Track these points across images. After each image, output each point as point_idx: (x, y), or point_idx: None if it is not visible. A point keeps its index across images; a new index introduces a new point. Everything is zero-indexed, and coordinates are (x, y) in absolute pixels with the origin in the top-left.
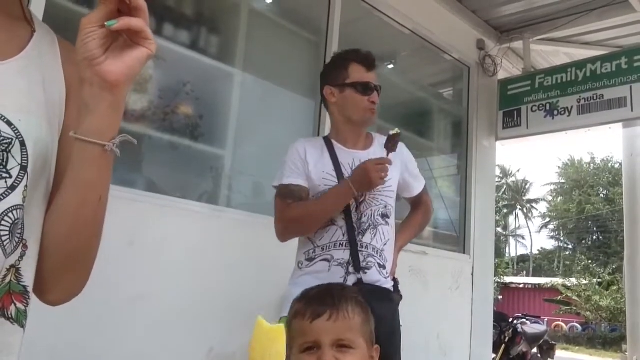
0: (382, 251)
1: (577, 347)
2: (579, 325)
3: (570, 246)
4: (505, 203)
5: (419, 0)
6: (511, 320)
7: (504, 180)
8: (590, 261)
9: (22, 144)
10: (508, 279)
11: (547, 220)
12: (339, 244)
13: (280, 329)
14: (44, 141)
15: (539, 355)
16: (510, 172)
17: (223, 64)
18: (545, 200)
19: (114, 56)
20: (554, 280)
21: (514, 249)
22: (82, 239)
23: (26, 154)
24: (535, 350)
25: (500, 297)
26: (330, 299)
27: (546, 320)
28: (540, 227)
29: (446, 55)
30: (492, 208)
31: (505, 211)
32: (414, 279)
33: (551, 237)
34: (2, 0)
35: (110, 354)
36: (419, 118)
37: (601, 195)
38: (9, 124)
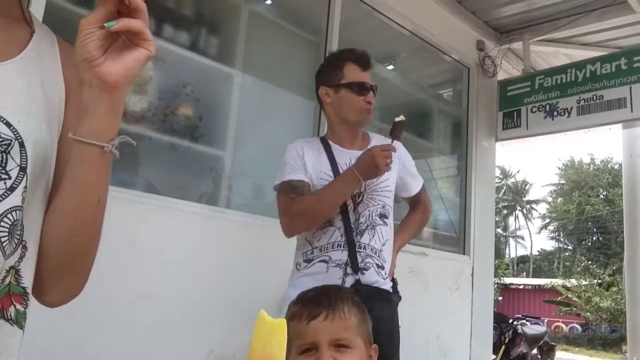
0: (381, 251)
1: (577, 348)
2: (579, 326)
3: (570, 247)
4: (505, 204)
5: (419, 1)
6: (511, 321)
7: (504, 181)
8: (590, 262)
9: (22, 145)
10: (508, 280)
11: (547, 221)
12: (337, 244)
13: (282, 323)
14: (44, 142)
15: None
16: (510, 173)
17: (223, 65)
18: (545, 201)
19: (113, 57)
20: (554, 281)
21: (514, 250)
22: (81, 240)
23: (25, 155)
24: (535, 351)
25: (500, 298)
26: (326, 300)
27: (546, 321)
28: (540, 228)
29: (446, 56)
30: (492, 209)
31: (505, 212)
32: (413, 279)
33: (551, 238)
34: (2, 1)
35: (109, 355)
36: (418, 119)
37: (601, 196)
38: (8, 125)
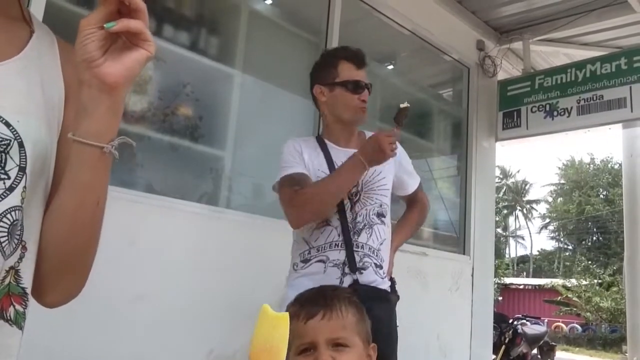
0: (379, 251)
1: (577, 348)
2: (579, 326)
3: (570, 247)
4: (505, 204)
5: (419, 1)
6: (511, 321)
7: (504, 181)
8: (590, 262)
9: (21, 145)
10: (508, 280)
11: (547, 221)
12: (335, 244)
13: (285, 317)
14: (43, 142)
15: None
16: (510, 173)
17: (223, 65)
18: (545, 201)
19: (112, 58)
20: (554, 281)
21: (514, 250)
22: (80, 240)
23: (25, 155)
24: (535, 351)
25: (500, 298)
26: (322, 300)
27: (546, 321)
28: (540, 228)
29: (446, 56)
30: (492, 209)
31: (505, 212)
32: (413, 280)
33: (551, 238)
34: (1, 1)
35: (109, 355)
36: (418, 119)
37: (601, 196)
38: (7, 125)
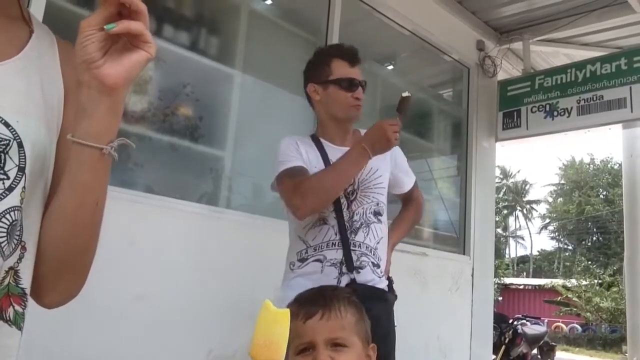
0: (376, 249)
1: (577, 348)
2: (579, 327)
3: (570, 247)
4: (505, 204)
5: (419, 1)
6: (511, 321)
7: (504, 181)
8: (590, 262)
9: (20, 145)
10: (508, 280)
11: (547, 221)
12: (332, 243)
13: (286, 313)
14: (42, 143)
15: (539, 356)
16: (510, 173)
17: (223, 65)
18: (545, 202)
19: (112, 59)
20: (554, 281)
21: (514, 250)
22: (80, 240)
23: (24, 156)
24: (535, 351)
25: (500, 298)
26: (322, 299)
27: (546, 321)
28: (540, 228)
29: (446, 56)
30: (492, 209)
31: (505, 212)
32: (413, 280)
33: (551, 238)
34: (0, 1)
35: (109, 355)
36: (418, 119)
37: (601, 196)
38: (6, 125)
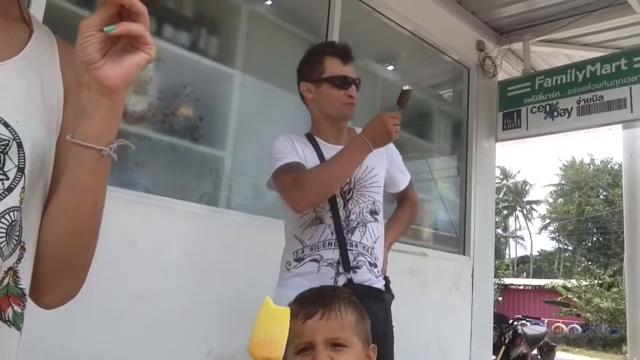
0: (373, 249)
1: (577, 349)
2: (579, 327)
3: (570, 247)
4: (505, 204)
5: (419, 2)
6: (511, 321)
7: (504, 181)
8: (590, 262)
9: (20, 145)
10: (508, 281)
11: (547, 221)
12: (328, 243)
13: (286, 311)
14: (42, 143)
15: (539, 356)
16: (511, 174)
17: (223, 65)
18: (545, 202)
19: (112, 60)
20: (554, 282)
21: (514, 251)
22: (79, 241)
23: (23, 156)
24: (535, 351)
25: (500, 299)
26: (322, 299)
27: (546, 321)
28: (540, 228)
29: (446, 57)
30: (492, 209)
31: (505, 212)
32: (413, 280)
33: (551, 239)
34: (0, 1)
35: (109, 356)
36: (418, 119)
37: (601, 197)
38: (6, 125)
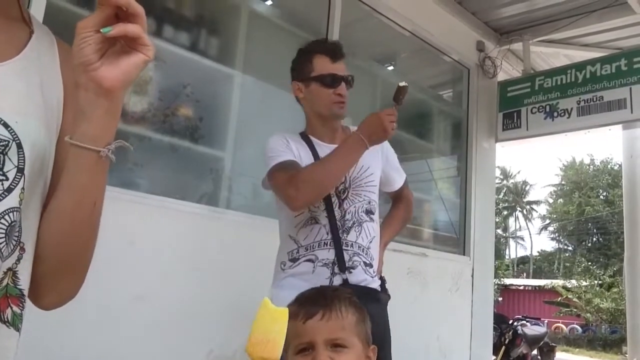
0: (368, 249)
1: (578, 349)
2: (579, 327)
3: (570, 248)
4: (505, 205)
5: (419, 2)
6: (511, 322)
7: (504, 182)
8: (590, 263)
9: (19, 146)
10: (508, 281)
11: (547, 222)
12: (323, 243)
13: (285, 312)
14: (42, 144)
15: (539, 357)
16: (511, 174)
17: (223, 65)
18: (545, 202)
19: (110, 62)
20: (554, 282)
21: (514, 251)
22: (78, 242)
23: (23, 157)
24: (535, 352)
25: (500, 299)
26: (322, 300)
27: (546, 322)
28: (540, 228)
29: (446, 57)
30: (492, 210)
31: (505, 213)
32: (413, 280)
33: (551, 239)
34: (0, 2)
35: (109, 356)
36: (418, 120)
37: (601, 197)
38: (5, 126)
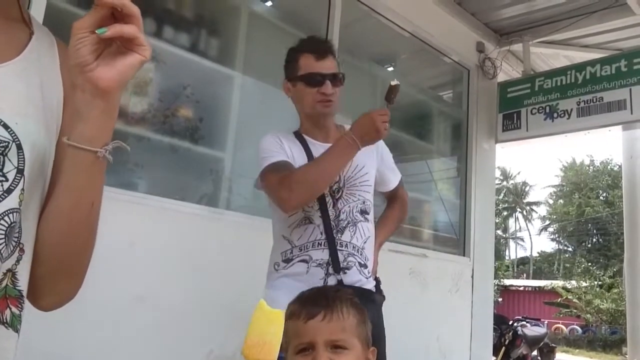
0: (363, 249)
1: (577, 350)
2: (579, 328)
3: (570, 249)
4: (505, 205)
5: (419, 3)
6: (511, 322)
7: (504, 182)
8: (590, 264)
9: (19, 147)
10: (508, 282)
11: (547, 222)
12: (317, 243)
13: (280, 313)
14: (41, 145)
15: (539, 358)
16: (510, 175)
17: (223, 66)
18: (545, 203)
19: (106, 62)
20: (554, 283)
21: (514, 252)
22: (76, 242)
23: (23, 158)
24: (535, 352)
25: (500, 300)
26: (324, 300)
27: (546, 322)
28: (540, 229)
29: (446, 58)
30: (492, 210)
31: (505, 214)
32: (413, 281)
33: (551, 240)
34: (0, 2)
35: (109, 357)
36: (418, 121)
37: (601, 198)
38: (5, 127)
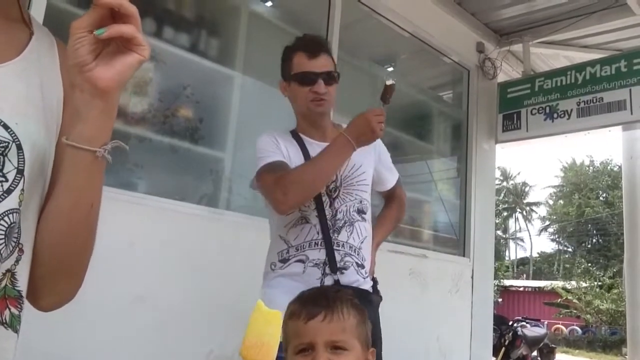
0: (360, 249)
1: (577, 350)
2: (579, 329)
3: (570, 249)
4: (505, 206)
5: (419, 3)
6: (511, 323)
7: (504, 183)
8: (590, 264)
9: (19, 147)
10: (508, 282)
11: (547, 223)
12: (314, 243)
13: (278, 314)
14: (41, 145)
15: (539, 358)
16: (510, 175)
17: (223, 66)
18: (545, 204)
19: (104, 62)
20: (554, 283)
21: (514, 252)
22: (75, 242)
23: (23, 158)
24: (535, 353)
25: (500, 300)
26: (324, 300)
27: (546, 323)
28: (540, 230)
29: (446, 58)
30: (492, 211)
31: (505, 214)
32: (413, 281)
33: (551, 240)
34: (0, 2)
35: (109, 357)
36: (418, 121)
37: (600, 198)
38: (5, 127)
